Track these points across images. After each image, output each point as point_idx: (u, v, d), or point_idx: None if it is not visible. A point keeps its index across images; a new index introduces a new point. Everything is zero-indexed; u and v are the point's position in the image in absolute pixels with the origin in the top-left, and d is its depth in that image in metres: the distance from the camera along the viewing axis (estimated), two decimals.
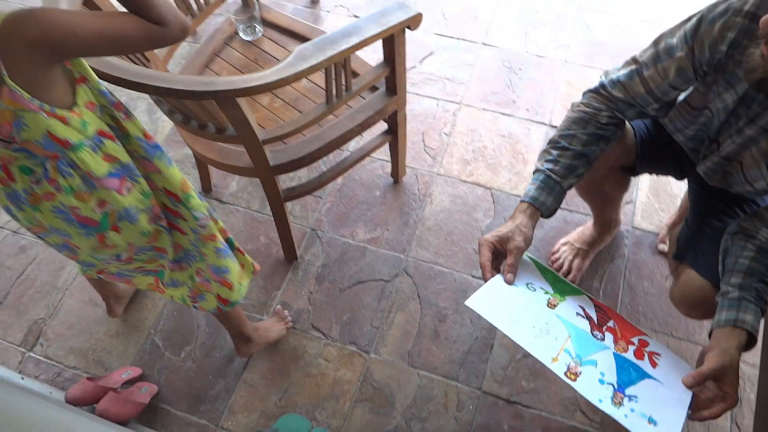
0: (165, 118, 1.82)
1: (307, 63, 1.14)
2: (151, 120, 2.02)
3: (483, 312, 0.97)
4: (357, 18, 1.74)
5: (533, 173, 1.15)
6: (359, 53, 1.48)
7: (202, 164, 1.76)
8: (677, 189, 1.81)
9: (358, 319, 1.61)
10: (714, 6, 0.96)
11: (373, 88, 1.51)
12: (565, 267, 1.64)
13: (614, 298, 1.63)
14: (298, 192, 1.54)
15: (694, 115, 1.10)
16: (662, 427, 0.89)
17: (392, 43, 1.35)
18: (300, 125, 1.32)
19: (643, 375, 0.97)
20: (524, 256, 1.10)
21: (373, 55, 1.58)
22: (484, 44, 2.17)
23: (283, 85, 1.12)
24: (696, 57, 0.99)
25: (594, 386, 0.92)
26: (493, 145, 1.92)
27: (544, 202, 1.10)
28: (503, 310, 0.99)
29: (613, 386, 0.93)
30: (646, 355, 1.01)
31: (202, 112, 1.23)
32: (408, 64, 2.08)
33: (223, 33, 1.65)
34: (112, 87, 1.03)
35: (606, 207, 1.57)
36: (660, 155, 1.30)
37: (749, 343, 0.98)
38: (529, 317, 0.99)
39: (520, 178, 1.83)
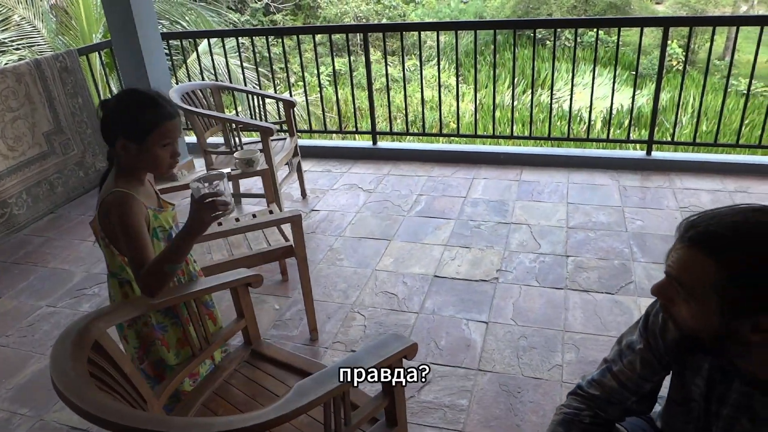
0: None
1: (307, 398, 1.14)
2: None
3: None
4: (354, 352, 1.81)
5: None
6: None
7: None
8: None
9: None
10: (655, 302, 1.06)
11: (373, 420, 1.48)
12: None
13: None
14: None
15: (683, 411, 1.09)
16: None
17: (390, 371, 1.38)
18: None
19: None
20: None
21: (370, 389, 1.60)
22: (480, 370, 2.21)
23: (283, 422, 1.10)
24: (653, 347, 1.06)
25: None
26: None
27: None
28: None
29: None
30: None
31: None
32: (406, 394, 2.10)
33: (223, 371, 1.69)
34: None
35: None
36: None
37: None
38: None
39: None
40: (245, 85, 6.11)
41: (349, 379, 1.21)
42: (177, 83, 6.19)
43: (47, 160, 3.84)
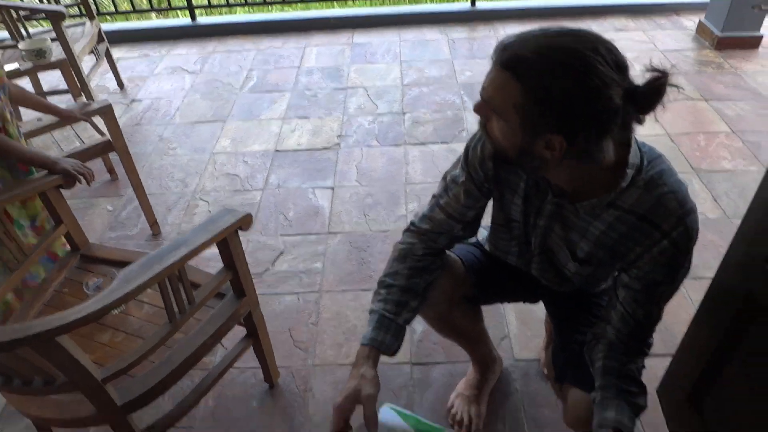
0: None
1: (133, 284, 1.09)
2: None
3: None
4: None
5: (369, 314, 1.17)
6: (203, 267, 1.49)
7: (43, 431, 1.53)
8: (541, 313, 1.89)
9: None
10: (474, 135, 1.14)
11: (220, 296, 1.48)
12: (465, 418, 1.57)
13: None
14: (161, 426, 1.37)
15: (506, 231, 1.21)
16: None
17: (227, 246, 1.36)
18: (143, 352, 1.22)
19: None
20: (387, 407, 1.13)
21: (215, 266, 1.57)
22: (330, 233, 2.28)
23: (107, 312, 1.05)
24: (474, 178, 1.14)
25: None
26: (361, 323, 1.91)
27: (383, 341, 1.13)
28: None
29: None
30: None
31: (22, 366, 1.10)
32: (261, 268, 2.12)
33: (52, 281, 1.57)
34: None
35: (473, 343, 1.58)
36: (500, 282, 1.38)
37: None
38: None
39: None
40: None
41: (178, 259, 1.17)
42: None
43: None
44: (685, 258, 1.02)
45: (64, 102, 3.26)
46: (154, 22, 4.36)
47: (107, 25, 4.10)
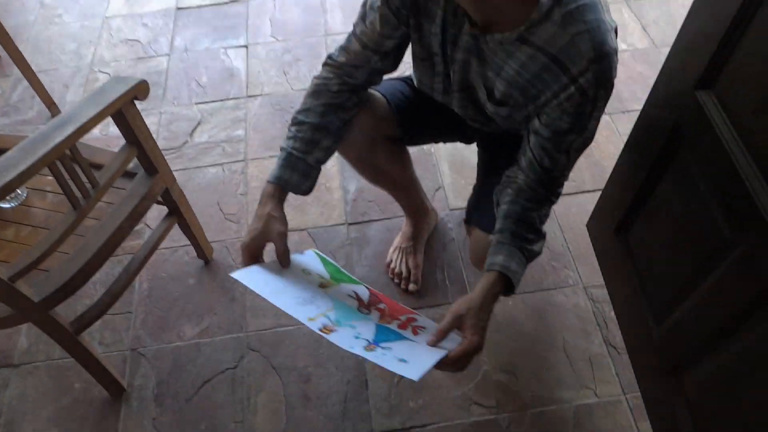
0: None
1: (14, 172, 0.96)
2: None
3: (248, 282, 0.94)
4: None
5: (279, 151, 1.12)
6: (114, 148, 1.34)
7: None
8: (475, 161, 1.87)
9: (216, 423, 1.41)
10: None
11: (130, 175, 1.36)
12: (404, 270, 1.60)
13: (461, 281, 1.61)
14: (91, 317, 1.32)
15: (428, 65, 1.13)
16: (412, 364, 0.87)
17: (125, 119, 1.22)
18: (50, 244, 1.12)
19: (402, 338, 0.96)
20: (312, 251, 1.11)
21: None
22: (249, 96, 2.11)
23: None
24: (390, 2, 1.03)
25: (348, 338, 0.89)
26: None
27: (289, 180, 1.08)
28: (270, 283, 0.97)
29: (368, 341, 0.90)
30: (410, 327, 1.00)
31: None
32: (178, 141, 1.98)
33: None
34: None
35: (403, 190, 1.54)
36: (427, 120, 1.31)
37: (509, 282, 1.00)
38: (296, 291, 0.97)
39: (329, 207, 1.78)
40: None
41: (64, 138, 1.03)
42: None
43: None
44: (594, 107, 0.95)
45: None
46: None
47: None
